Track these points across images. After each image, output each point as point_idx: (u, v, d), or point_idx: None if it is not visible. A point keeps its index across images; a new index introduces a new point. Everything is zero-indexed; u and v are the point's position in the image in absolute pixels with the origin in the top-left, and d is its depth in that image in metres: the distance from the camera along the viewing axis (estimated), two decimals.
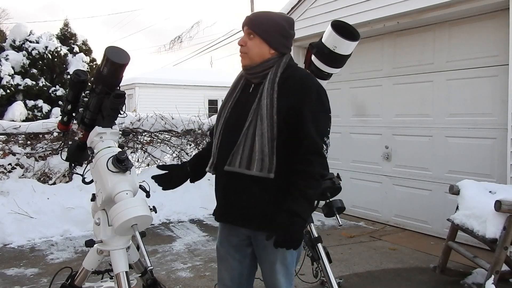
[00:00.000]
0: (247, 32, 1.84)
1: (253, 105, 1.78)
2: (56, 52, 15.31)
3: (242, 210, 1.81)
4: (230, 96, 1.90)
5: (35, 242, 4.64)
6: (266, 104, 1.73)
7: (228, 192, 1.84)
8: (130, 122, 6.36)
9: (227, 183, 1.84)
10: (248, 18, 1.87)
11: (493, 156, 4.14)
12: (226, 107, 1.89)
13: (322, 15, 5.36)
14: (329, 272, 2.65)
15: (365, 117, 5.48)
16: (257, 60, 1.82)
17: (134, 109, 14.14)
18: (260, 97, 1.77)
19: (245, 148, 1.73)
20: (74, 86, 2.19)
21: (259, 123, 1.72)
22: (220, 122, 1.88)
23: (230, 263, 1.94)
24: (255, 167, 1.71)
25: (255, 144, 1.71)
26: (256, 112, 1.75)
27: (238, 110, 1.85)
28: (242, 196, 1.79)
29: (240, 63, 1.87)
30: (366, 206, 5.48)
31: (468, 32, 4.34)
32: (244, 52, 1.84)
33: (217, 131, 1.88)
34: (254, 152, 1.71)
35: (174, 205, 5.71)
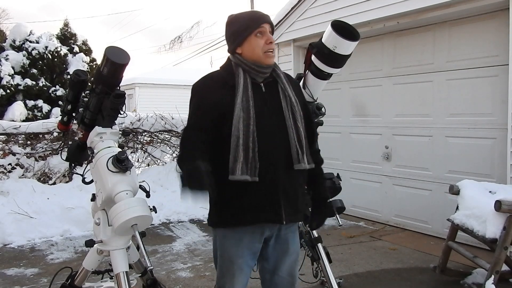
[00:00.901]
0: (271, 31, 1.83)
1: (282, 103, 1.82)
2: (56, 52, 15.30)
3: (297, 205, 1.85)
4: (246, 96, 1.75)
5: (35, 242, 4.64)
6: (295, 101, 1.84)
7: (287, 190, 1.79)
8: (130, 122, 6.37)
9: (284, 182, 1.78)
10: (268, 16, 1.84)
11: (493, 156, 4.13)
12: (248, 107, 1.73)
13: (322, 15, 5.36)
14: (329, 272, 2.65)
15: (365, 117, 5.47)
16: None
17: (134, 109, 14.15)
18: (287, 95, 1.83)
19: (296, 144, 1.79)
20: (74, 86, 2.20)
21: (297, 119, 1.82)
22: (249, 123, 1.71)
23: (245, 273, 1.84)
24: (306, 161, 1.82)
25: (302, 140, 1.81)
26: (291, 110, 1.82)
27: (262, 110, 1.77)
28: (298, 191, 1.85)
29: (266, 62, 1.80)
30: (366, 206, 5.48)
31: (468, 32, 4.34)
32: (273, 49, 1.82)
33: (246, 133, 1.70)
34: (303, 147, 1.81)
35: (174, 205, 5.71)
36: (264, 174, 1.73)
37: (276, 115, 1.80)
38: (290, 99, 1.83)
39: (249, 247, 1.82)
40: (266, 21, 1.81)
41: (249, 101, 1.74)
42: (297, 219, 1.89)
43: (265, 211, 1.77)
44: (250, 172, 1.70)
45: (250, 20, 1.81)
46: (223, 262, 1.86)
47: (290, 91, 1.84)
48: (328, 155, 5.14)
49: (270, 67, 1.84)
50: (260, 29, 1.79)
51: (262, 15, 1.84)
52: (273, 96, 1.83)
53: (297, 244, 1.96)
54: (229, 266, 1.83)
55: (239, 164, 1.69)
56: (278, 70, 1.88)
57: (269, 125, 1.78)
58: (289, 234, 1.90)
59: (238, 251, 1.81)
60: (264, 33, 1.80)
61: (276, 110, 1.81)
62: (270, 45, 1.80)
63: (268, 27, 1.81)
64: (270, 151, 1.76)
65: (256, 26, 1.79)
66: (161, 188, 5.98)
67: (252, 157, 1.70)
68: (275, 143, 1.77)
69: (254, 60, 1.80)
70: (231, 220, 1.80)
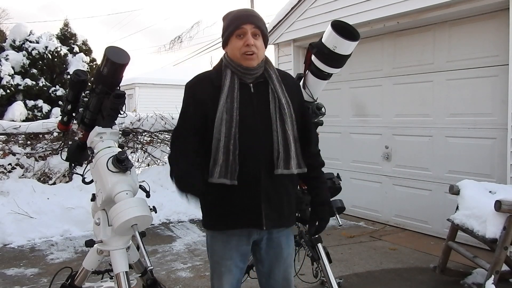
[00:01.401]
0: (254, 32, 1.73)
1: (270, 105, 1.75)
2: (56, 52, 15.30)
3: (284, 210, 1.80)
4: (231, 97, 1.72)
5: (35, 242, 4.64)
6: (285, 103, 1.76)
7: (270, 195, 1.74)
8: (130, 122, 6.37)
9: (267, 186, 1.73)
10: (252, 15, 1.76)
11: (493, 156, 4.13)
12: (232, 108, 1.70)
13: (322, 15, 5.35)
14: (329, 272, 2.65)
15: (365, 117, 5.47)
16: (261, 59, 1.79)
17: (134, 109, 14.15)
18: (276, 97, 1.77)
19: (280, 149, 1.73)
20: (74, 86, 2.20)
21: (286, 122, 1.75)
22: (231, 125, 1.69)
23: (233, 274, 1.83)
24: (293, 165, 1.75)
25: (289, 143, 1.74)
26: (279, 112, 1.75)
27: (248, 111, 1.73)
28: (283, 196, 1.79)
29: (244, 64, 1.74)
30: (366, 206, 5.48)
31: (468, 32, 4.34)
32: (254, 52, 1.73)
33: (228, 136, 1.68)
34: (290, 151, 1.74)
35: (174, 205, 5.71)
36: (245, 177, 1.70)
37: (262, 117, 1.74)
38: (279, 100, 1.76)
39: (237, 249, 1.81)
40: (247, 22, 1.73)
41: (234, 103, 1.71)
42: (282, 225, 1.84)
43: (245, 216, 1.74)
44: (230, 176, 1.68)
45: (232, 20, 1.76)
46: (212, 263, 1.89)
47: (280, 92, 1.77)
48: (328, 155, 5.15)
49: (256, 69, 1.77)
50: (239, 30, 1.73)
51: (244, 15, 1.76)
52: (261, 98, 1.77)
53: (291, 248, 1.93)
54: (217, 267, 1.84)
55: (218, 167, 1.68)
56: (270, 71, 1.81)
57: (253, 127, 1.73)
58: (281, 238, 1.86)
59: (226, 252, 1.82)
60: (244, 34, 1.73)
61: (263, 112, 1.75)
62: (247, 47, 1.71)
63: (250, 27, 1.72)
64: (252, 154, 1.71)
65: (236, 27, 1.74)
66: (161, 188, 5.98)
67: (232, 160, 1.68)
68: (258, 146, 1.72)
69: (236, 61, 1.76)
70: (216, 222, 1.82)
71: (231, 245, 1.81)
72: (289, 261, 1.91)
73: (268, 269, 1.88)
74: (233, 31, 1.74)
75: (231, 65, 1.77)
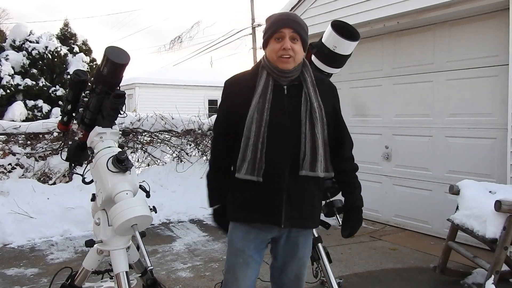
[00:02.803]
0: (292, 36, 1.77)
1: (301, 108, 1.79)
2: (56, 52, 15.30)
3: (306, 211, 1.85)
4: (263, 98, 1.78)
5: (35, 242, 4.64)
6: (317, 107, 1.80)
7: (292, 195, 1.79)
8: (130, 122, 6.37)
9: (289, 186, 1.78)
10: (292, 20, 1.79)
11: (493, 156, 4.13)
12: (263, 109, 1.77)
13: (322, 15, 5.36)
14: (329, 272, 2.65)
15: (365, 117, 5.47)
16: (298, 63, 1.82)
17: (134, 109, 14.14)
18: (308, 100, 1.80)
19: (307, 150, 1.77)
20: (74, 86, 2.20)
21: (316, 125, 1.79)
22: (261, 124, 1.76)
23: (251, 268, 1.87)
24: (319, 168, 1.79)
25: (317, 146, 1.78)
26: (309, 115, 1.79)
27: (279, 113, 1.79)
28: (305, 197, 1.83)
29: (280, 66, 1.78)
30: (366, 206, 5.37)
31: (468, 32, 4.34)
32: (290, 56, 1.76)
33: (257, 134, 1.75)
34: (317, 154, 1.78)
35: (174, 205, 5.71)
36: (269, 176, 1.76)
37: (292, 119, 1.79)
38: (311, 104, 1.79)
39: (255, 242, 1.87)
40: (286, 26, 1.76)
41: (265, 103, 1.77)
42: (303, 225, 1.89)
43: (264, 212, 1.81)
44: (256, 173, 1.76)
45: (273, 23, 1.80)
46: (229, 254, 1.93)
47: (313, 96, 1.81)
48: None
49: (291, 72, 1.80)
50: (278, 34, 1.77)
51: (284, 19, 1.80)
52: (294, 100, 1.81)
53: (307, 249, 1.97)
54: (235, 259, 1.89)
55: (246, 164, 1.76)
56: (306, 74, 1.85)
57: (282, 128, 1.78)
58: (299, 238, 1.91)
59: (244, 244, 1.86)
60: (282, 38, 1.77)
61: (294, 114, 1.80)
62: (284, 51, 1.76)
63: (288, 31, 1.76)
64: (279, 154, 1.77)
65: (274, 30, 1.78)
66: (161, 188, 5.98)
67: (260, 158, 1.75)
68: (284, 147, 1.78)
69: (273, 63, 1.80)
70: (237, 214, 1.88)
71: (250, 237, 1.86)
72: (303, 261, 1.95)
73: (282, 264, 1.94)
74: (272, 34, 1.79)
75: (268, 66, 1.82)
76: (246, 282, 1.87)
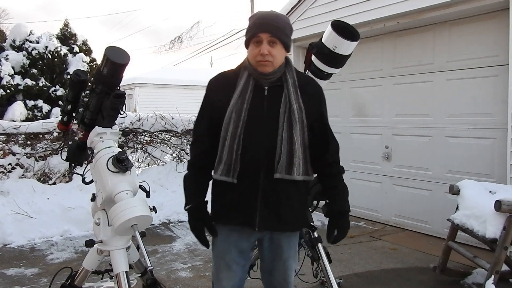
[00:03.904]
0: (270, 40, 1.73)
1: (280, 108, 1.75)
2: (56, 52, 15.30)
3: (283, 214, 1.80)
4: (242, 98, 1.75)
5: (35, 242, 4.64)
6: (296, 108, 1.76)
7: (267, 198, 1.76)
8: (130, 122, 6.37)
9: (265, 189, 1.75)
10: (270, 24, 1.74)
11: (493, 156, 4.13)
12: (241, 109, 1.74)
13: (322, 15, 5.36)
14: (329, 272, 2.65)
15: (365, 117, 5.47)
16: (278, 65, 1.78)
17: (134, 109, 14.13)
18: (288, 101, 1.77)
19: (282, 153, 1.73)
20: (74, 86, 2.19)
21: (294, 127, 1.75)
22: (238, 125, 1.73)
23: (233, 271, 1.85)
24: (296, 171, 1.76)
25: (294, 149, 1.74)
26: (288, 117, 1.75)
27: (258, 113, 1.75)
28: (282, 200, 1.79)
29: (260, 70, 1.76)
30: (366, 206, 5.48)
31: (468, 32, 4.34)
32: (269, 60, 1.73)
33: (234, 135, 1.73)
34: (294, 157, 1.74)
35: (174, 205, 5.71)
36: (244, 177, 1.74)
37: (270, 121, 1.76)
38: (290, 105, 1.75)
39: (236, 245, 1.85)
40: (263, 30, 1.72)
41: (244, 104, 1.74)
42: (280, 229, 1.84)
43: (240, 214, 1.78)
44: (231, 174, 1.75)
45: (252, 26, 1.77)
46: (213, 257, 1.93)
47: (293, 97, 1.77)
48: None
49: (271, 74, 1.77)
50: (256, 38, 1.74)
51: (263, 22, 1.74)
52: (274, 101, 1.78)
53: (292, 250, 1.94)
54: (217, 262, 1.90)
55: (222, 165, 1.75)
56: (288, 75, 1.81)
57: (259, 129, 1.75)
58: (283, 240, 1.88)
59: (225, 247, 1.86)
60: (260, 42, 1.73)
61: (273, 115, 1.76)
62: (261, 56, 1.72)
63: (266, 36, 1.72)
64: (254, 155, 1.74)
65: (252, 34, 1.75)
66: (161, 188, 5.98)
67: (235, 159, 1.73)
68: (261, 149, 1.74)
69: (253, 66, 1.78)
70: (216, 215, 1.88)
71: (231, 240, 1.85)
72: (289, 263, 1.92)
73: (269, 267, 1.93)
74: (251, 38, 1.77)
75: (249, 67, 1.81)
76: (228, 284, 1.86)
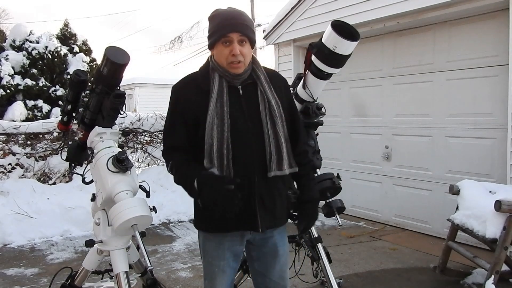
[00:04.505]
0: (240, 39, 1.68)
1: (260, 107, 1.73)
2: (56, 52, 15.29)
3: (277, 210, 1.80)
4: (220, 101, 1.69)
5: (35, 242, 4.64)
6: (274, 104, 1.75)
7: (263, 198, 1.74)
8: (130, 122, 6.38)
9: (260, 189, 1.73)
10: (239, 23, 1.68)
11: (493, 156, 4.13)
12: (222, 113, 1.68)
13: (322, 15, 5.35)
14: (329, 272, 2.65)
15: (365, 117, 5.47)
16: (247, 64, 1.75)
17: (134, 109, 14.14)
18: (265, 98, 1.74)
19: (272, 151, 1.72)
20: (74, 86, 2.20)
21: (277, 123, 1.73)
22: (223, 129, 1.67)
23: (227, 275, 1.82)
24: (285, 166, 1.75)
25: (281, 145, 1.74)
26: (269, 113, 1.74)
27: (238, 114, 1.71)
28: (276, 197, 1.79)
29: (231, 71, 1.71)
30: (366, 206, 5.48)
31: (468, 32, 4.34)
32: (240, 61, 1.68)
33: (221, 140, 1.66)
34: (282, 153, 1.74)
35: (174, 205, 5.71)
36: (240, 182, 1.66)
37: (252, 120, 1.72)
38: (269, 102, 1.74)
39: (230, 250, 1.80)
40: (234, 30, 1.66)
41: (224, 107, 1.68)
42: (277, 225, 1.84)
43: (240, 220, 1.72)
44: None
45: (219, 26, 1.70)
46: (205, 263, 1.86)
47: (269, 93, 1.75)
48: (328, 155, 5.15)
49: (243, 73, 1.73)
50: (225, 38, 1.68)
51: (231, 22, 1.68)
52: (251, 100, 1.74)
53: (286, 245, 1.92)
54: (210, 268, 1.83)
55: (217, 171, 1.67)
56: (258, 71, 1.78)
57: (245, 131, 1.71)
58: (276, 236, 1.86)
59: (219, 254, 1.80)
60: (230, 42, 1.67)
61: (253, 114, 1.73)
62: (234, 57, 1.67)
63: (236, 36, 1.66)
64: (246, 158, 1.70)
65: (222, 34, 1.68)
66: (161, 188, 5.98)
67: (227, 165, 1.66)
68: (250, 150, 1.71)
69: (223, 67, 1.72)
70: (209, 225, 1.80)
71: (224, 246, 1.79)
72: (284, 259, 1.90)
73: (265, 268, 1.88)
74: (219, 38, 1.69)
75: (218, 69, 1.74)
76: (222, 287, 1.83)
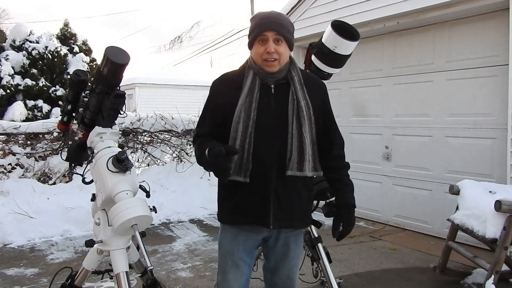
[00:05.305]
0: (276, 38, 1.74)
1: (288, 106, 1.77)
2: (56, 52, 15.30)
3: (295, 211, 1.82)
4: (250, 97, 1.76)
5: (35, 242, 4.64)
6: (304, 105, 1.78)
7: (279, 195, 1.77)
8: (130, 122, 6.37)
9: (277, 186, 1.76)
10: (275, 22, 1.75)
11: (493, 156, 4.13)
12: (250, 108, 1.74)
13: (322, 15, 5.36)
14: (329, 272, 2.65)
15: (365, 117, 5.47)
16: (283, 63, 1.79)
17: (134, 109, 14.14)
18: (295, 99, 1.78)
19: (293, 150, 1.75)
20: (74, 86, 2.19)
21: (303, 124, 1.76)
22: (248, 125, 1.73)
23: (241, 270, 1.85)
24: (307, 167, 1.77)
25: (304, 146, 1.76)
26: (297, 114, 1.76)
27: (266, 112, 1.77)
28: (293, 197, 1.81)
29: (266, 69, 1.77)
30: (366, 206, 5.48)
31: (468, 32, 4.34)
32: (275, 59, 1.75)
33: (244, 135, 1.73)
34: (304, 154, 1.76)
35: (174, 205, 5.71)
36: (257, 176, 1.74)
37: (279, 119, 1.77)
38: (298, 103, 1.77)
39: (244, 245, 1.85)
40: (269, 29, 1.73)
41: (252, 103, 1.75)
42: (292, 226, 1.86)
43: (252, 213, 1.78)
44: (243, 173, 1.74)
45: (256, 25, 1.77)
46: (219, 258, 1.93)
47: (301, 94, 1.78)
48: None
49: (277, 73, 1.78)
50: (261, 36, 1.75)
51: (266, 22, 1.76)
52: (281, 99, 1.79)
53: (299, 249, 1.96)
54: (224, 261, 1.89)
55: (233, 165, 1.70)
56: (293, 72, 1.82)
57: (268, 128, 1.76)
58: (291, 238, 1.89)
59: (233, 247, 1.86)
60: (266, 40, 1.74)
61: (281, 113, 1.77)
62: (268, 54, 1.74)
63: (271, 34, 1.73)
64: (265, 154, 1.75)
65: (258, 33, 1.76)
66: (161, 188, 5.98)
67: (246, 158, 1.73)
68: (271, 147, 1.76)
69: (259, 65, 1.79)
70: (225, 216, 1.88)
71: (239, 239, 1.85)
72: (295, 262, 1.94)
73: (274, 265, 1.93)
74: (256, 36, 1.77)
75: (254, 67, 1.80)
76: (236, 284, 1.85)
